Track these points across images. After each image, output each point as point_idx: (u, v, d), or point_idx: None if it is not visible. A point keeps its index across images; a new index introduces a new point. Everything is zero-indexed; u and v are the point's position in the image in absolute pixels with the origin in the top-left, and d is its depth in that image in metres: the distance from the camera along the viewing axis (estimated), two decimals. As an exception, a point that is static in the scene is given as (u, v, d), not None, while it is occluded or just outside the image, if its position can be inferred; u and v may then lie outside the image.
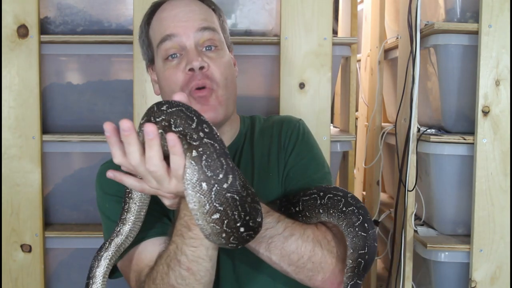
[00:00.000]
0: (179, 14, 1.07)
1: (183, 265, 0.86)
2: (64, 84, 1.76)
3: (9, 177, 1.64)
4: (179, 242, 0.86)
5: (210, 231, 0.77)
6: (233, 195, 0.74)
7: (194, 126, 0.74)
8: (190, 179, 0.74)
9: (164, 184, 0.77)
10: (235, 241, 0.78)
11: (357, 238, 0.92)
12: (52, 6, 1.71)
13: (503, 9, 1.59)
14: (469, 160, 1.66)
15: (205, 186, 0.73)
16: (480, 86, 1.61)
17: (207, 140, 0.74)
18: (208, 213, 0.74)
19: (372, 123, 2.21)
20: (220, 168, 0.73)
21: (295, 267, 0.95)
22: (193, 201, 0.75)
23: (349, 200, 0.94)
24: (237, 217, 0.75)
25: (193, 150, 0.74)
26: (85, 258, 1.77)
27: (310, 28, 1.63)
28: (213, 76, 1.05)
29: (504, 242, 1.63)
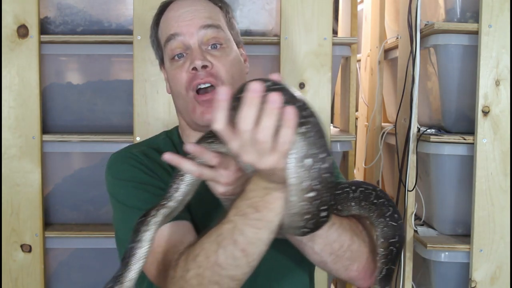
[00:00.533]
0: (184, 13, 1.07)
1: (239, 246, 0.83)
2: (64, 84, 1.76)
3: (9, 177, 1.64)
4: (240, 222, 0.83)
5: (297, 210, 0.78)
6: (329, 177, 0.75)
7: (300, 104, 0.74)
8: (296, 153, 0.74)
9: (263, 158, 0.74)
10: (311, 225, 0.79)
11: (387, 227, 0.97)
12: (52, 6, 1.71)
13: (503, 9, 1.59)
14: (469, 160, 1.66)
15: (308, 162, 0.74)
16: (480, 86, 1.61)
17: (312, 119, 0.74)
18: (305, 189, 0.75)
19: (372, 123, 2.21)
20: (323, 147, 0.74)
21: (335, 256, 0.96)
22: (294, 176, 0.75)
23: (379, 193, 0.98)
24: (326, 199, 0.77)
25: (300, 126, 0.73)
26: (85, 258, 1.77)
27: (310, 28, 1.63)
28: (218, 74, 1.05)
29: (504, 242, 1.63)
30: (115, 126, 1.76)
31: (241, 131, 0.73)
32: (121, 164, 1.07)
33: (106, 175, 1.09)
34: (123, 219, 1.04)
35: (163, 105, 1.62)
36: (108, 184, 1.08)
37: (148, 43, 1.60)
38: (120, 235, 1.05)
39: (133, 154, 1.08)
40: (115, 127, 1.76)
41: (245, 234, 0.83)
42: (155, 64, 1.61)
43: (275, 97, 0.71)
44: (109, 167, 1.09)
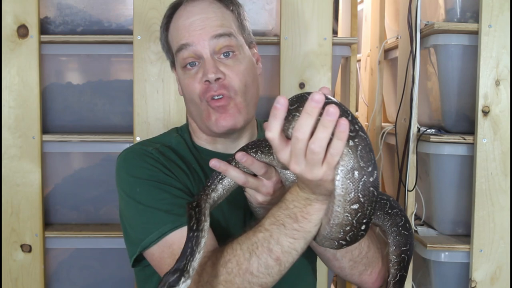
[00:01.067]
0: (195, 22, 1.06)
1: (273, 255, 0.85)
2: (64, 84, 1.76)
3: (9, 177, 1.64)
4: (276, 232, 0.85)
5: (339, 221, 0.79)
6: (374, 191, 0.77)
7: (350, 119, 0.76)
8: (345, 165, 0.76)
9: (314, 169, 0.76)
10: (350, 238, 0.81)
11: (400, 236, 1.03)
12: (52, 6, 1.71)
13: (503, 9, 1.59)
14: (469, 160, 1.66)
15: (356, 175, 0.76)
16: (480, 86, 1.61)
17: (361, 133, 0.77)
18: (350, 201, 0.77)
19: (372, 123, 2.21)
20: (370, 161, 0.77)
21: (353, 262, 1.00)
22: (341, 187, 0.77)
23: (392, 203, 1.04)
24: (368, 212, 0.79)
25: (350, 140, 0.76)
26: (85, 258, 1.77)
27: (310, 28, 1.63)
28: (230, 85, 1.05)
29: (504, 242, 1.63)
30: (115, 126, 1.76)
31: (297, 140, 0.75)
32: (137, 161, 1.06)
33: (119, 171, 1.07)
34: (136, 218, 1.02)
35: (163, 105, 1.62)
36: (121, 181, 1.06)
37: (148, 43, 1.61)
38: (131, 232, 1.03)
39: (149, 152, 1.07)
40: (115, 127, 1.76)
41: (281, 243, 0.84)
42: (155, 64, 1.61)
43: (333, 109, 0.73)
44: (122, 163, 1.07)
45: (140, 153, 1.07)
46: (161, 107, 1.62)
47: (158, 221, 0.98)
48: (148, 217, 1.00)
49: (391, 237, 1.04)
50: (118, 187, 1.06)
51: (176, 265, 0.80)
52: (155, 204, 1.00)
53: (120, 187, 1.06)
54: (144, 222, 1.00)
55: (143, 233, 0.99)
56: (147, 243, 0.98)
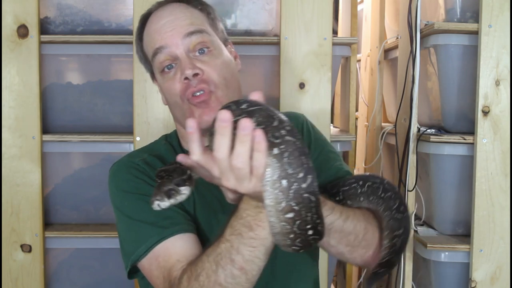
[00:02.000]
0: (165, 24, 1.07)
1: (236, 264, 0.85)
2: (64, 84, 1.76)
3: (9, 177, 1.64)
4: (236, 242, 0.85)
5: (279, 230, 0.77)
6: (310, 196, 0.74)
7: (276, 124, 0.74)
8: (270, 176, 0.74)
9: (244, 183, 0.76)
10: (300, 243, 0.79)
11: (393, 220, 0.99)
12: (52, 6, 1.71)
13: (503, 9, 1.59)
14: (469, 160, 1.66)
15: (284, 184, 0.74)
16: (480, 86, 1.61)
17: (289, 138, 0.74)
18: (283, 211, 0.75)
19: (372, 123, 2.21)
20: (301, 166, 0.73)
21: (351, 247, 0.98)
22: (270, 198, 0.75)
23: (386, 187, 1.00)
24: (309, 219, 0.76)
25: (274, 147, 0.73)
26: (85, 258, 1.77)
27: (310, 28, 1.63)
28: (210, 79, 1.05)
29: (504, 242, 1.63)
30: (115, 126, 1.76)
31: (218, 160, 0.75)
32: (124, 174, 1.07)
33: (110, 185, 1.09)
34: (128, 232, 1.04)
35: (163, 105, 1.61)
36: (112, 195, 1.08)
37: (148, 43, 1.61)
38: (126, 247, 1.05)
39: (135, 163, 1.08)
40: (115, 127, 1.76)
41: (241, 253, 0.85)
42: (155, 64, 1.61)
43: (245, 123, 0.72)
44: (111, 177, 1.09)
45: (128, 165, 1.09)
46: (161, 107, 1.61)
47: (145, 234, 1.00)
48: (136, 230, 1.02)
49: (384, 221, 1.01)
50: (111, 200, 1.09)
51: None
52: (141, 217, 1.02)
53: (111, 201, 1.08)
54: (133, 235, 1.02)
55: (133, 246, 1.02)
56: (136, 257, 1.00)
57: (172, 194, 0.78)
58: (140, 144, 1.59)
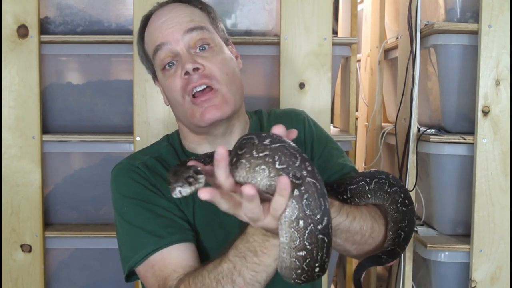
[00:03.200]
0: (165, 22, 1.07)
1: (236, 286, 0.86)
2: (64, 84, 1.76)
3: (9, 177, 1.64)
4: (239, 264, 0.86)
5: (287, 265, 0.79)
6: (324, 237, 0.76)
7: (298, 164, 0.74)
8: (289, 217, 0.75)
9: (257, 222, 0.77)
10: (305, 278, 0.80)
11: (398, 213, 1.01)
12: (52, 6, 1.71)
13: (503, 9, 1.59)
14: (469, 160, 1.66)
15: (301, 224, 0.75)
16: (480, 86, 1.61)
17: (309, 179, 0.74)
18: (296, 248, 0.76)
19: (372, 123, 2.21)
20: (319, 208, 0.74)
21: (357, 245, 0.99)
22: (285, 235, 0.76)
23: (392, 181, 1.03)
24: (319, 258, 0.77)
25: (295, 188, 0.74)
26: (85, 258, 1.77)
27: (310, 28, 1.63)
28: (212, 74, 1.04)
29: (504, 242, 1.63)
30: (115, 126, 1.76)
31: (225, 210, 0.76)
32: (124, 178, 1.07)
33: (111, 188, 1.09)
34: (126, 237, 1.04)
35: (163, 105, 1.61)
36: (113, 197, 1.08)
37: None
38: (124, 252, 1.05)
39: (136, 166, 1.08)
40: (115, 127, 1.76)
41: (243, 276, 0.85)
42: (155, 64, 1.61)
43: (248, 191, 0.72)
44: (113, 180, 1.09)
45: (128, 169, 1.09)
46: (161, 107, 1.61)
47: (143, 241, 1.00)
48: (134, 237, 1.02)
49: (389, 215, 1.03)
50: (112, 202, 1.09)
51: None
52: (140, 224, 1.02)
53: (113, 202, 1.09)
54: (131, 241, 1.03)
55: (130, 252, 1.02)
56: (133, 263, 1.01)
57: (192, 182, 0.77)
58: (140, 144, 1.59)
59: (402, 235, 1.01)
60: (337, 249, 1.01)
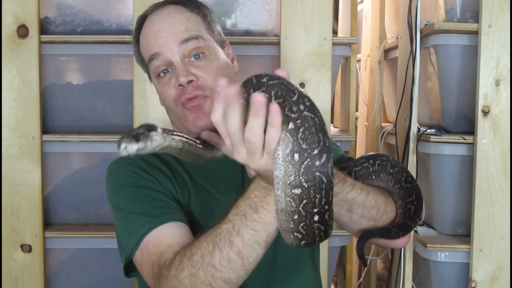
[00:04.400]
0: (160, 30, 1.07)
1: (234, 247, 0.82)
2: (64, 84, 1.76)
3: (9, 177, 1.64)
4: (238, 222, 0.82)
5: (283, 206, 0.74)
6: (322, 176, 0.71)
7: (295, 99, 0.71)
8: (283, 150, 0.71)
9: (255, 158, 0.74)
10: (303, 230, 0.74)
11: (403, 190, 1.01)
12: (52, 6, 1.71)
13: (503, 9, 1.59)
14: (469, 160, 1.66)
15: (296, 157, 0.70)
16: (480, 86, 1.61)
17: (307, 113, 0.71)
18: (291, 185, 0.71)
19: (372, 123, 2.21)
20: (317, 143, 0.70)
21: (373, 222, 0.97)
22: (279, 169, 0.72)
23: (393, 163, 1.03)
24: (317, 201, 0.72)
25: (290, 122, 0.71)
26: (85, 258, 1.77)
27: (310, 28, 1.63)
28: (205, 85, 1.05)
29: (504, 242, 1.63)
30: (115, 126, 1.76)
31: (230, 132, 0.74)
32: (120, 170, 1.08)
33: (106, 184, 1.09)
34: (122, 226, 1.03)
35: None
36: (109, 193, 1.08)
37: (148, 43, 1.61)
38: (122, 242, 1.03)
39: (132, 159, 1.08)
40: (115, 127, 1.76)
41: (242, 235, 0.82)
42: (155, 64, 1.61)
43: (257, 98, 0.71)
44: (108, 175, 1.09)
45: (123, 162, 1.09)
46: (161, 107, 1.60)
47: (137, 225, 0.99)
48: (129, 223, 1.01)
49: (395, 194, 1.03)
50: (108, 200, 1.08)
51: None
52: (134, 209, 1.01)
53: (109, 200, 1.08)
54: (127, 229, 1.01)
55: (126, 239, 1.00)
56: (129, 250, 0.99)
57: (141, 138, 0.71)
58: (140, 144, 1.59)
59: (412, 208, 1.00)
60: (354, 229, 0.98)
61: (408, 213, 0.99)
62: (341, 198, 0.89)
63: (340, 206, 0.92)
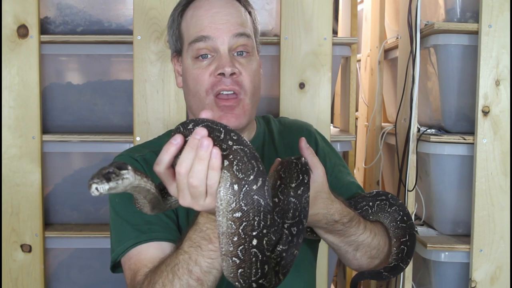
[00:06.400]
0: (217, 15, 1.06)
1: (193, 275, 0.86)
2: (64, 84, 1.76)
3: (9, 177, 1.64)
4: (194, 254, 0.86)
5: (224, 229, 0.76)
6: (259, 199, 0.74)
7: (222, 137, 0.75)
8: (224, 186, 0.75)
9: (199, 202, 0.77)
10: (241, 254, 0.77)
11: (398, 229, 1.08)
12: (52, 6, 1.71)
13: (503, 9, 1.59)
14: (469, 160, 1.66)
15: (236, 187, 0.74)
16: (480, 86, 1.61)
17: (236, 147, 0.75)
18: (232, 210, 0.75)
19: (372, 123, 2.21)
20: (251, 170, 0.74)
21: (371, 259, 1.05)
22: (220, 202, 0.75)
23: (391, 201, 1.09)
24: (256, 224, 0.75)
25: (224, 160, 0.74)
26: (85, 258, 1.77)
27: (310, 28, 1.63)
28: (243, 83, 1.05)
29: (504, 242, 1.63)
30: (115, 126, 1.76)
31: (179, 174, 0.76)
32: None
33: None
34: (114, 229, 1.07)
35: (163, 105, 1.62)
36: None
37: (148, 43, 1.61)
38: (112, 242, 1.08)
39: (134, 159, 1.09)
40: (115, 127, 1.76)
41: (199, 264, 0.86)
42: (155, 64, 1.61)
43: (206, 142, 0.73)
44: None
45: (126, 160, 1.09)
46: (161, 107, 1.61)
47: (126, 235, 1.03)
48: (120, 229, 1.05)
49: (391, 232, 1.09)
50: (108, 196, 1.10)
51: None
52: (127, 217, 1.04)
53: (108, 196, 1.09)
54: (117, 233, 1.06)
55: (115, 244, 1.05)
56: (116, 255, 1.04)
57: (112, 177, 0.72)
58: (140, 144, 1.59)
59: (405, 250, 1.05)
60: (353, 264, 1.06)
61: (401, 254, 1.06)
62: (353, 239, 1.00)
63: (350, 245, 1.01)
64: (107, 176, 0.71)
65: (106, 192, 0.71)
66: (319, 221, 0.95)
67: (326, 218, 0.95)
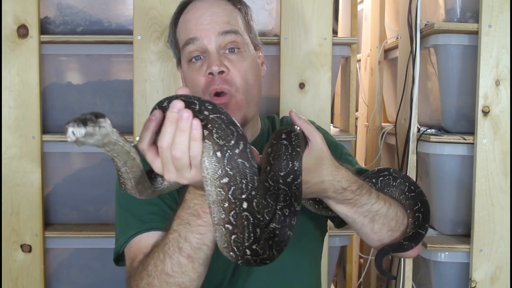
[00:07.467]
0: (202, 16, 1.08)
1: (183, 253, 0.87)
2: (64, 84, 1.76)
3: (9, 177, 1.64)
4: (183, 231, 0.87)
5: (214, 197, 0.77)
6: (244, 162, 0.75)
7: (198, 108, 0.76)
8: (207, 155, 0.76)
9: (184, 174, 0.78)
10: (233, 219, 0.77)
11: (409, 200, 1.06)
12: (52, 6, 1.71)
13: (503, 9, 1.59)
14: (469, 160, 1.66)
15: (219, 155, 0.75)
16: (480, 86, 1.61)
17: (213, 116, 0.76)
18: (219, 177, 0.76)
19: (372, 123, 2.22)
20: (231, 135, 0.75)
21: (391, 232, 1.02)
22: (206, 171, 0.76)
23: (394, 175, 1.08)
24: (244, 186, 0.76)
25: (204, 129, 0.76)
26: (85, 258, 1.77)
27: (310, 28, 1.63)
28: (233, 80, 1.06)
29: (504, 242, 1.63)
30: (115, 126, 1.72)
31: (162, 149, 0.77)
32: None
33: None
34: (118, 221, 1.09)
35: (163, 105, 1.62)
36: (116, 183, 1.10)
37: (148, 43, 1.61)
38: (116, 234, 1.09)
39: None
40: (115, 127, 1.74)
41: (189, 241, 0.86)
42: (155, 64, 1.61)
43: (185, 113, 0.74)
44: None
45: None
46: (161, 107, 1.61)
47: (128, 225, 1.04)
48: (123, 220, 1.06)
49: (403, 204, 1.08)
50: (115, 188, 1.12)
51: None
52: (130, 209, 1.05)
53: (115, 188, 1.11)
54: (121, 225, 1.07)
55: (119, 234, 1.07)
56: (118, 246, 1.06)
57: (88, 123, 0.68)
58: (140, 144, 1.59)
59: (420, 216, 1.04)
60: (373, 239, 1.02)
61: (417, 222, 1.04)
62: (366, 209, 0.97)
63: (365, 216, 0.98)
64: (84, 121, 0.68)
65: (82, 138, 0.67)
66: (326, 190, 0.93)
67: (333, 186, 0.93)
